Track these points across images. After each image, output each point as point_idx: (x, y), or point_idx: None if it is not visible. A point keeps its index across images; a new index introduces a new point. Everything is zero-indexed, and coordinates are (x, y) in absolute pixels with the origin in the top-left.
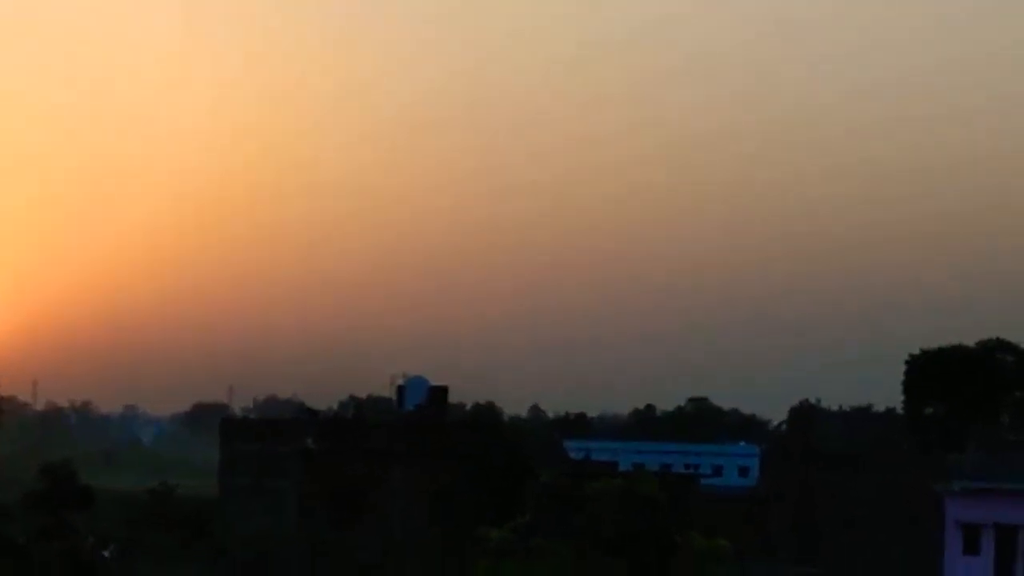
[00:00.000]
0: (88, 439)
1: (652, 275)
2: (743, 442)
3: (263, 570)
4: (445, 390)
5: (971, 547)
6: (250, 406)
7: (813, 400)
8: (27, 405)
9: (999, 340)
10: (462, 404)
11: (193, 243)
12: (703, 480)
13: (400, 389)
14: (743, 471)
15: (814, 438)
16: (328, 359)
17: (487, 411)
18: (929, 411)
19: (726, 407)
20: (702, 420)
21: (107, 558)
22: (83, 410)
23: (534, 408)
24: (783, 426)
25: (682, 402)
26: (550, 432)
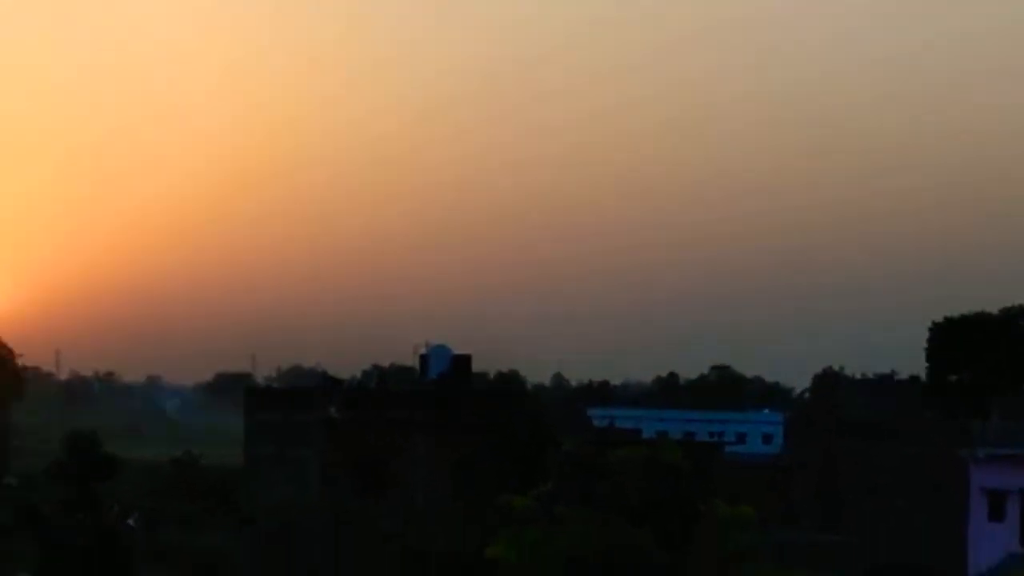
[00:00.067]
0: (112, 409)
1: (675, 244)
2: (767, 409)
3: (287, 539)
4: (468, 359)
5: (996, 513)
6: (273, 375)
7: (836, 368)
8: (50, 375)
9: (1022, 307)
10: (485, 373)
11: (216, 213)
12: (727, 447)
13: (423, 358)
14: (767, 438)
15: (838, 406)
16: (351, 328)
17: (510, 380)
18: (953, 378)
19: (749, 375)
20: (725, 388)
21: (132, 527)
22: (107, 380)
23: (557, 376)
24: (806, 394)
25: (705, 370)
26: (573, 400)
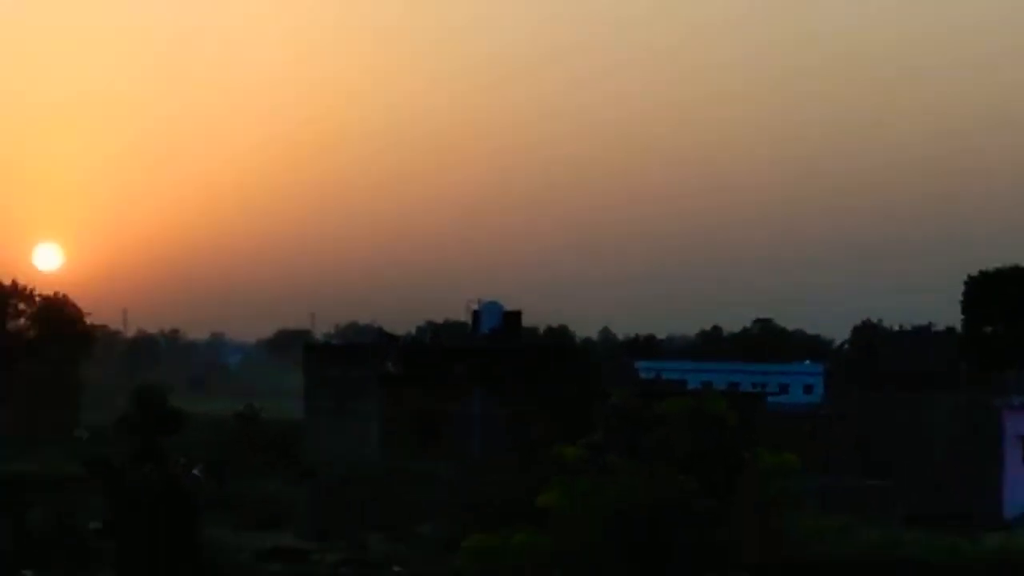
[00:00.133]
0: (177, 365)
1: (718, 206)
2: (808, 361)
3: (346, 489)
4: (518, 315)
5: None
6: (331, 332)
7: (875, 320)
8: (118, 334)
9: None
10: (535, 328)
11: (278, 180)
12: (770, 398)
13: (475, 314)
14: (808, 389)
15: (876, 357)
16: (406, 286)
17: (559, 334)
18: (988, 330)
19: (791, 328)
20: (768, 341)
21: (197, 478)
22: (172, 338)
23: (604, 331)
24: (846, 345)
25: (748, 323)
26: (620, 354)
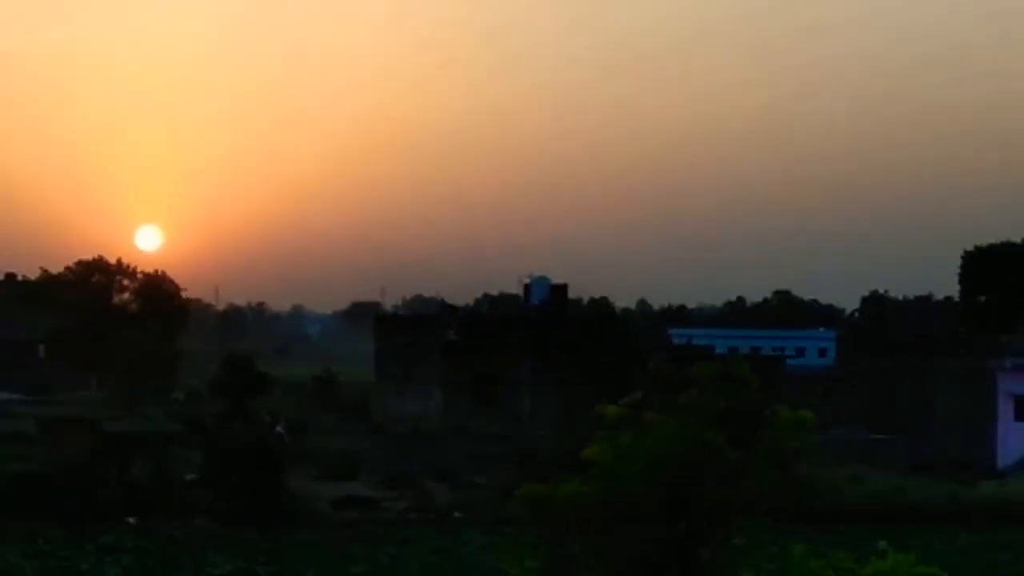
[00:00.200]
0: (262, 335)
1: (742, 185)
2: (822, 328)
3: (412, 444)
4: (565, 287)
5: (1021, 415)
6: (399, 304)
7: (882, 291)
8: (210, 306)
9: None
10: (579, 299)
11: (352, 169)
12: (788, 361)
13: (526, 287)
14: (822, 352)
15: (884, 324)
16: (466, 261)
17: (601, 305)
18: (982, 299)
19: (807, 298)
20: (785, 310)
21: (280, 434)
22: (258, 310)
23: (641, 302)
24: (856, 314)
25: (768, 294)
26: (655, 322)
